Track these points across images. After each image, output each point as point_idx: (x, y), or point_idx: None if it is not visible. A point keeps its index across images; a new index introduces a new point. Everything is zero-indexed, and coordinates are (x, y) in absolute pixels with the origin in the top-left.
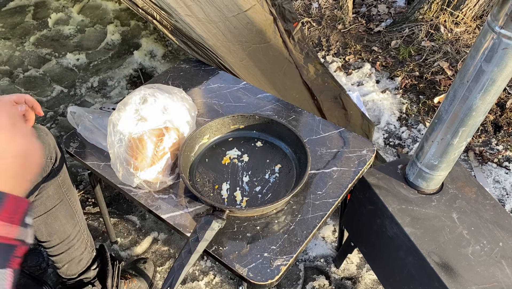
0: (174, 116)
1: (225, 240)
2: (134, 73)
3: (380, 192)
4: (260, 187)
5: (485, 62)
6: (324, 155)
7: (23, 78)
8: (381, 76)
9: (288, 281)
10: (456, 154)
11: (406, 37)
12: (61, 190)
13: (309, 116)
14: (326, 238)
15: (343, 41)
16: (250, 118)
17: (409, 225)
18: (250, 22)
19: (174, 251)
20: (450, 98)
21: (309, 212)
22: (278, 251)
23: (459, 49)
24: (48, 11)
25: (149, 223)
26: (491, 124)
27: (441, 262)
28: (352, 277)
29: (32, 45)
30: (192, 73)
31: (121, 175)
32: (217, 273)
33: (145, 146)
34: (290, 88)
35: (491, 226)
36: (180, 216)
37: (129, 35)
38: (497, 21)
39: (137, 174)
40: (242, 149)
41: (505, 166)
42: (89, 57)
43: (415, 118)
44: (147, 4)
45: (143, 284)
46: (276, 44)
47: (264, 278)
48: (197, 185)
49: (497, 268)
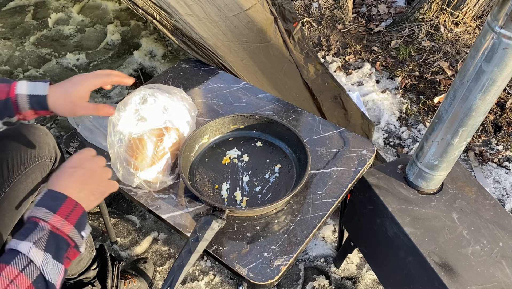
0: (174, 117)
1: (225, 240)
2: (134, 73)
3: (380, 192)
4: (260, 187)
5: (485, 62)
6: (324, 154)
7: (23, 78)
8: (381, 76)
9: (288, 281)
10: (456, 154)
11: (406, 37)
12: None
13: (309, 116)
14: (326, 238)
15: (343, 41)
16: (250, 118)
17: (409, 225)
18: (250, 22)
19: (174, 251)
20: (450, 98)
21: (309, 212)
22: (278, 251)
23: (459, 49)
24: (48, 11)
25: (149, 223)
26: (491, 124)
27: (441, 262)
28: (352, 277)
29: (32, 45)
30: (192, 73)
31: (121, 175)
32: (217, 273)
33: (145, 146)
34: (290, 88)
35: (491, 226)
36: (180, 216)
37: (129, 35)
38: (497, 21)
39: (137, 174)
40: (242, 148)
41: (505, 166)
42: (89, 57)
43: (415, 118)
44: (147, 4)
45: (143, 284)
46: (277, 43)
47: (264, 278)
48: (197, 185)
49: (497, 268)
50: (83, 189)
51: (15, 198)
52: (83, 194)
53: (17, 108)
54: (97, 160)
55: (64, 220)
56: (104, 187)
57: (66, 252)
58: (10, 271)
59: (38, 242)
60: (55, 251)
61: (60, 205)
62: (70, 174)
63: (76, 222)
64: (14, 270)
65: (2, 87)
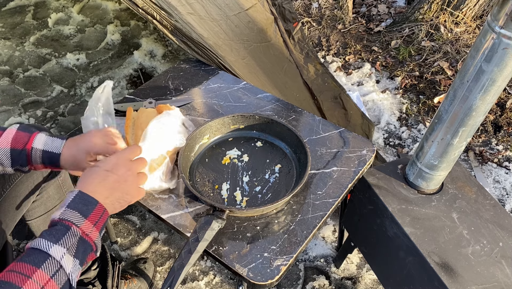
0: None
1: (225, 240)
2: (134, 73)
3: (380, 192)
4: (260, 187)
5: (485, 62)
6: (324, 154)
7: (23, 78)
8: (381, 76)
9: (288, 281)
10: (456, 154)
11: (406, 37)
12: (61, 190)
13: (309, 116)
14: (326, 238)
15: (343, 41)
16: (250, 118)
17: (409, 225)
18: (251, 21)
19: (174, 251)
20: (450, 98)
21: (309, 212)
22: (278, 251)
23: (459, 49)
24: (48, 11)
25: (149, 223)
26: (491, 124)
27: (441, 262)
28: (352, 277)
29: (32, 45)
30: (192, 73)
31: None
32: (217, 273)
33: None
34: (290, 87)
35: (491, 226)
36: (180, 216)
37: (129, 35)
38: (497, 21)
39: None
40: (242, 148)
41: (505, 166)
42: (89, 57)
43: (415, 118)
44: (147, 4)
45: (143, 284)
46: (277, 43)
47: (264, 278)
48: (197, 185)
49: (497, 268)
50: (111, 196)
51: (16, 198)
52: (109, 201)
53: (29, 161)
54: (133, 166)
55: (93, 226)
56: (131, 196)
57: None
58: (42, 276)
59: (70, 249)
60: (82, 257)
61: (91, 210)
62: (102, 178)
63: (101, 228)
64: (45, 275)
65: (22, 137)
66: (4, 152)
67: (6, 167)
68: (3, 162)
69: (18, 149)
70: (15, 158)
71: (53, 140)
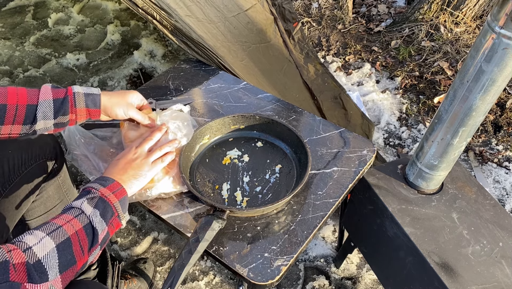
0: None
1: (225, 240)
2: (134, 73)
3: (380, 192)
4: (261, 187)
5: (485, 62)
6: (325, 155)
7: (23, 78)
8: (381, 76)
9: (288, 281)
10: (456, 154)
11: (406, 37)
12: (61, 190)
13: (309, 117)
14: (326, 238)
15: (343, 41)
16: (251, 118)
17: (409, 225)
18: (250, 22)
19: (174, 251)
20: (450, 98)
21: (310, 212)
22: (279, 251)
23: (459, 49)
24: (48, 11)
25: (149, 223)
26: (491, 124)
27: (441, 262)
28: (352, 277)
29: (32, 45)
30: (192, 73)
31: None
32: (217, 273)
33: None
34: (290, 88)
35: (491, 226)
36: (180, 216)
37: (129, 35)
38: (497, 21)
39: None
40: (243, 149)
41: (505, 166)
42: (89, 57)
43: (415, 118)
44: (147, 4)
45: (143, 284)
46: (277, 44)
47: (265, 278)
48: (197, 185)
49: (497, 268)
50: (125, 173)
51: (15, 197)
52: (125, 177)
53: (73, 105)
54: (138, 152)
55: (111, 193)
56: (144, 171)
57: (111, 218)
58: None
59: (90, 200)
60: (102, 211)
61: (109, 183)
62: (114, 165)
63: (120, 200)
64: (69, 216)
65: (60, 90)
66: (47, 103)
67: (48, 119)
68: (47, 114)
69: (60, 98)
70: (58, 107)
71: (89, 88)
